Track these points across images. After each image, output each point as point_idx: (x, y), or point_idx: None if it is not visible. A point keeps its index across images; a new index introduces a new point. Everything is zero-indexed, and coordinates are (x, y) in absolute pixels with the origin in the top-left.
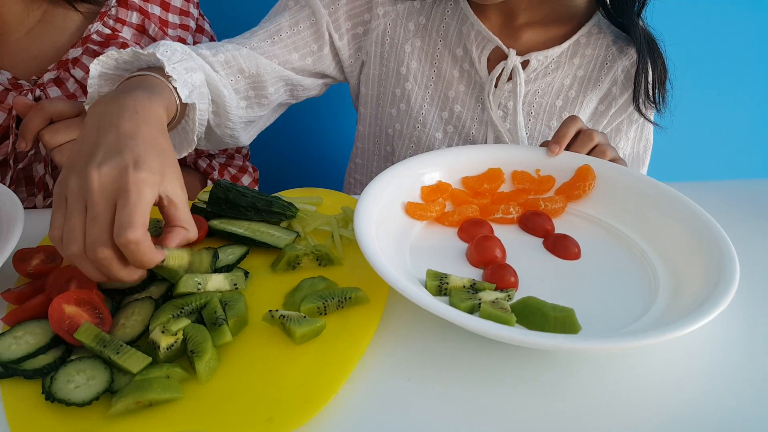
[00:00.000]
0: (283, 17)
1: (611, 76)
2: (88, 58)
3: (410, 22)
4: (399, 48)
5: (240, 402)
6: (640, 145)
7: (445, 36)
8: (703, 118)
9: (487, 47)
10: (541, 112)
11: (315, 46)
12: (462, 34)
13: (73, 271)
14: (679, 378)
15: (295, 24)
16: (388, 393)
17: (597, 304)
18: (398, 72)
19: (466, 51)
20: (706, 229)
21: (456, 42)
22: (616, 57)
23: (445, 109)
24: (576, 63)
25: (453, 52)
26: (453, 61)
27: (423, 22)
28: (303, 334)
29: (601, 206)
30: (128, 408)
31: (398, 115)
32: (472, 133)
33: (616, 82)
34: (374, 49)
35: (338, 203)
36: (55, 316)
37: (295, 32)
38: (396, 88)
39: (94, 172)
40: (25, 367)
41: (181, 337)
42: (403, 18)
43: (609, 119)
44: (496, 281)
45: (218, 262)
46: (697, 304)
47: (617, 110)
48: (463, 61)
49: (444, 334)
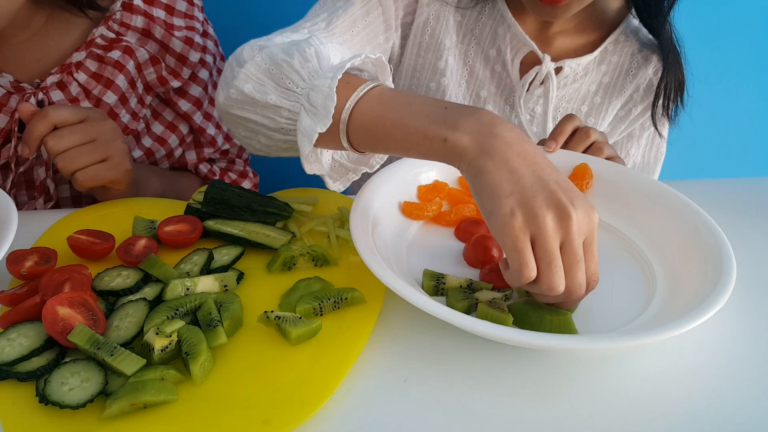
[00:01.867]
0: (355, 6)
1: (635, 83)
2: (92, 62)
3: (451, 16)
4: (439, 41)
5: (235, 404)
6: (650, 154)
7: (479, 36)
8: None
9: (521, 51)
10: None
11: (382, 37)
12: (497, 35)
13: (66, 273)
14: (676, 377)
15: (367, 14)
16: (385, 394)
17: (594, 303)
18: (435, 66)
19: (499, 52)
20: (704, 228)
21: (490, 42)
22: (641, 65)
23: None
24: (603, 70)
25: (486, 53)
26: (485, 61)
27: (459, 18)
28: (299, 335)
29: (598, 205)
30: (122, 410)
31: None
32: None
33: (638, 89)
34: (414, 38)
35: (334, 203)
36: (49, 318)
37: (367, 23)
38: (431, 81)
39: (573, 215)
40: (18, 370)
41: (175, 338)
42: (446, 11)
43: (627, 125)
44: (492, 281)
45: (213, 262)
46: (694, 304)
47: (635, 117)
48: (495, 63)
49: (441, 334)
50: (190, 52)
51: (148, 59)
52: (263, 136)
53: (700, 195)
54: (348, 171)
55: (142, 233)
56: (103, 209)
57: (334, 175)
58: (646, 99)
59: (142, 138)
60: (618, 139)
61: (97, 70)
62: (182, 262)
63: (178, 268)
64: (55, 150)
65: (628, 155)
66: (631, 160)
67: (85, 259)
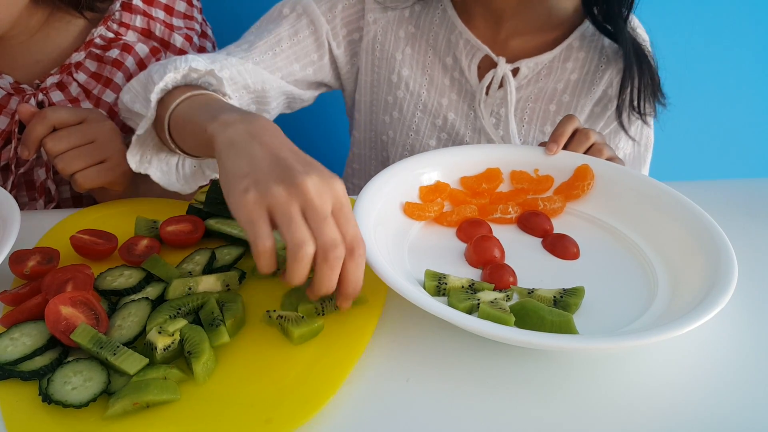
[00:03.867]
0: (282, 27)
1: (606, 78)
2: (91, 62)
3: (400, 30)
4: (390, 56)
5: (238, 403)
6: (640, 145)
7: (434, 45)
8: (701, 118)
9: (477, 56)
10: (535, 118)
11: (315, 55)
12: (451, 42)
13: (69, 273)
14: (677, 378)
15: (295, 34)
16: (387, 394)
17: (596, 304)
18: (389, 80)
19: (455, 60)
20: (705, 229)
21: (445, 51)
22: (611, 59)
23: (438, 117)
24: (569, 67)
25: (443, 61)
26: (443, 69)
27: (412, 30)
28: (301, 335)
29: (600, 206)
30: (125, 409)
31: (391, 122)
32: (466, 140)
33: (612, 84)
34: (366, 55)
35: None
36: (51, 317)
37: (295, 42)
38: (388, 95)
39: (307, 179)
40: (21, 369)
41: (178, 338)
42: (393, 25)
43: (606, 121)
44: (494, 281)
45: (215, 262)
46: (695, 304)
47: (614, 113)
48: (453, 70)
49: (443, 334)
50: (189, 49)
51: (149, 52)
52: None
53: (702, 196)
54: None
55: (144, 233)
56: (105, 209)
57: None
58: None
59: None
60: (605, 134)
61: (97, 69)
62: (184, 261)
63: (180, 267)
64: (54, 151)
65: (617, 148)
66: (621, 152)
67: (87, 258)
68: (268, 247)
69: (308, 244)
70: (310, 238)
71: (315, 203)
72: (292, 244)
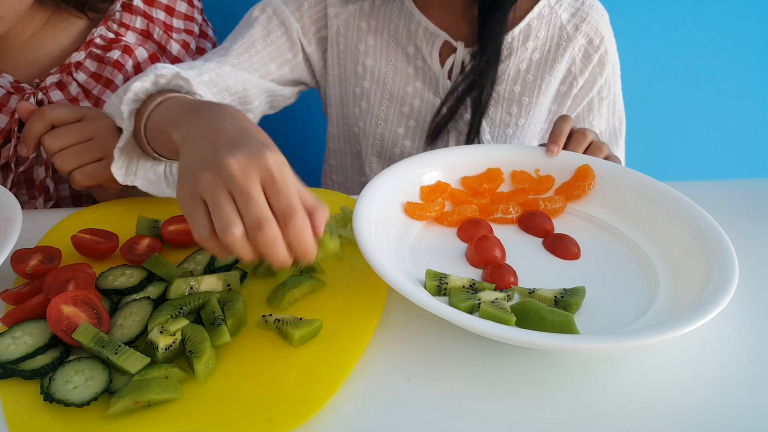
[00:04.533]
0: (254, 29)
1: (568, 55)
2: (91, 62)
3: (362, 22)
4: (353, 47)
5: (239, 402)
6: (614, 119)
7: (395, 35)
8: (702, 118)
9: (437, 42)
10: (500, 100)
11: (289, 54)
12: (410, 32)
13: (71, 272)
14: (678, 377)
15: (267, 35)
16: (388, 393)
17: (596, 304)
18: (355, 71)
19: (417, 48)
20: (706, 229)
21: (406, 40)
22: (571, 36)
23: (405, 104)
24: (530, 47)
25: (405, 50)
26: (406, 59)
27: (374, 23)
28: (301, 336)
29: (600, 206)
30: (127, 408)
31: (360, 113)
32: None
33: (575, 61)
34: (331, 49)
35: (337, 203)
36: (53, 316)
37: (268, 43)
38: (356, 87)
39: (230, 159)
40: (23, 368)
41: (179, 337)
42: (355, 18)
43: (573, 99)
44: (495, 281)
45: (216, 262)
46: (696, 304)
47: (581, 90)
48: (416, 59)
49: (443, 334)
50: (185, 56)
51: (147, 58)
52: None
53: (702, 196)
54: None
55: (146, 233)
56: (106, 209)
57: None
58: (586, 69)
59: None
60: (578, 113)
61: (97, 69)
62: (186, 261)
63: (181, 267)
64: (52, 149)
65: (592, 126)
66: (597, 130)
67: (88, 258)
68: (204, 235)
69: (233, 227)
70: (234, 220)
71: (238, 182)
72: (219, 230)
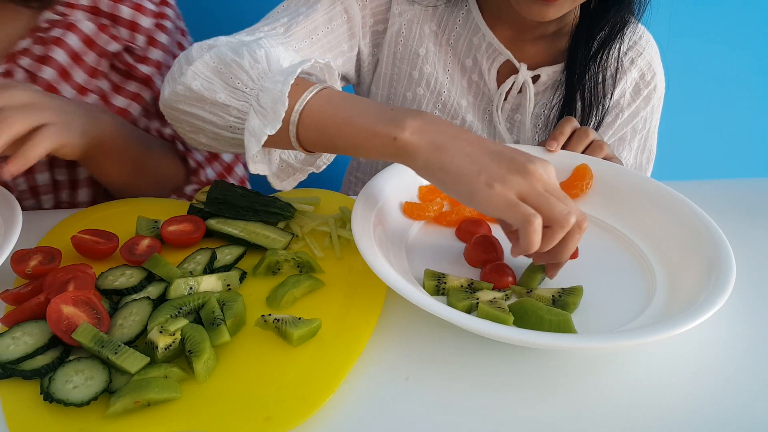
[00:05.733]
0: (317, 12)
1: (619, 88)
2: (37, 46)
3: (425, 25)
4: (413, 51)
5: (238, 401)
6: (643, 156)
7: (455, 45)
8: (701, 117)
9: (498, 60)
10: (549, 125)
11: (346, 45)
12: (473, 44)
13: (71, 272)
14: (675, 377)
15: (329, 21)
16: (387, 392)
17: (594, 303)
18: (410, 75)
19: (475, 62)
20: (703, 228)
21: (466, 52)
22: (627, 69)
23: (457, 117)
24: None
25: (462, 62)
26: (462, 71)
27: (434, 28)
28: (300, 336)
29: (598, 205)
30: (126, 408)
31: None
32: None
33: (624, 94)
34: (388, 48)
35: (336, 203)
36: (53, 316)
37: (329, 30)
38: (407, 91)
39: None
40: (23, 368)
41: (179, 337)
42: (419, 20)
43: (615, 130)
44: (493, 281)
45: (216, 262)
46: (693, 303)
47: (623, 122)
48: (473, 72)
49: (442, 333)
50: (140, 18)
51: (97, 29)
52: (210, 132)
53: (700, 195)
54: (296, 171)
55: (146, 233)
56: (106, 209)
57: (281, 175)
58: (634, 102)
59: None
60: (610, 143)
61: (41, 52)
62: (185, 261)
63: (181, 267)
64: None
65: (621, 158)
66: (624, 162)
67: (89, 258)
68: (541, 220)
69: (573, 215)
70: (565, 208)
71: (551, 185)
72: (562, 215)
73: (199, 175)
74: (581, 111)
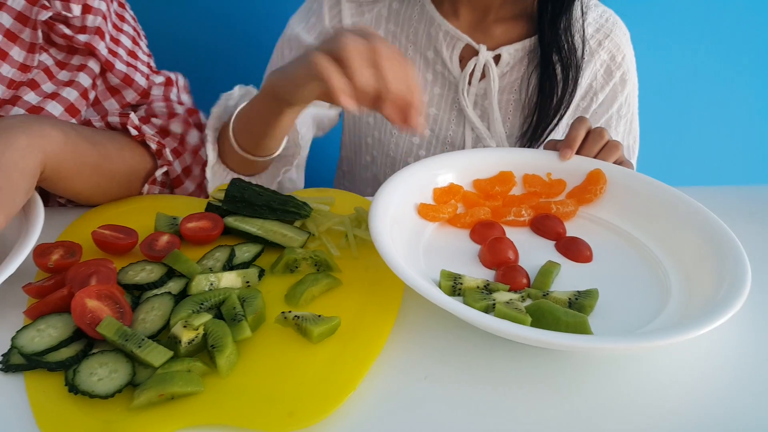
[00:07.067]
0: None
1: (590, 70)
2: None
3: (379, 29)
4: None
5: (260, 396)
6: (629, 138)
7: (414, 40)
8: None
9: (458, 46)
10: (519, 110)
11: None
12: (431, 36)
13: (92, 267)
14: (690, 381)
15: (291, 56)
16: (405, 390)
17: (609, 306)
18: None
19: (437, 53)
20: (718, 235)
21: (426, 44)
22: (594, 51)
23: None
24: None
25: (424, 56)
26: (425, 64)
27: (392, 28)
28: (320, 333)
29: (612, 210)
30: (151, 400)
31: (375, 123)
32: (450, 135)
33: (596, 77)
34: None
35: (350, 203)
36: (78, 310)
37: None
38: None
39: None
40: (48, 360)
41: (202, 332)
42: (374, 25)
43: (592, 115)
44: (508, 282)
45: (234, 259)
46: (709, 307)
47: (600, 106)
48: (435, 63)
49: (459, 333)
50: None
51: (27, 3)
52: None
53: (714, 201)
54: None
55: (165, 229)
56: (125, 205)
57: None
58: (608, 85)
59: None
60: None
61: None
62: (205, 258)
63: (200, 263)
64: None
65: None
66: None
67: (109, 253)
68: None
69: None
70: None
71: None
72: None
73: (165, 156)
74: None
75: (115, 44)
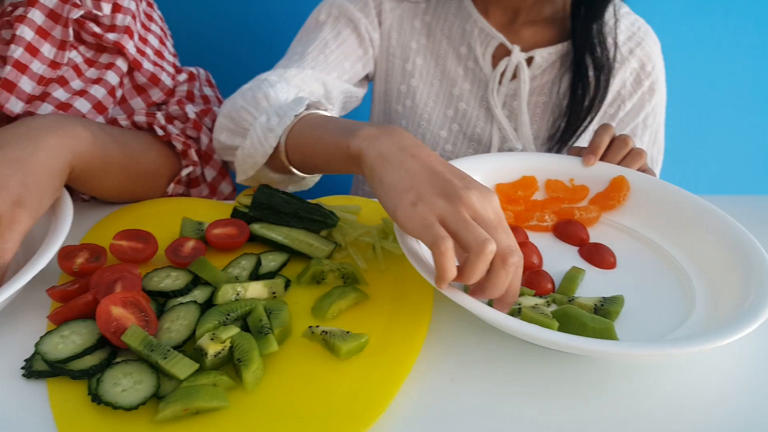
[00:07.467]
0: (324, 32)
1: (619, 77)
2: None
3: (416, 20)
4: (405, 45)
5: (288, 414)
6: (654, 149)
7: (449, 34)
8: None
9: (491, 44)
10: (548, 112)
11: (360, 50)
12: (465, 31)
13: (117, 272)
14: (713, 390)
15: (338, 35)
16: (436, 403)
17: (634, 313)
18: (404, 68)
19: (470, 49)
20: (743, 244)
21: (460, 40)
22: (625, 58)
23: (450, 107)
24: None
25: (457, 51)
26: (457, 59)
27: (428, 20)
28: (348, 351)
29: (635, 217)
30: (175, 414)
31: (404, 111)
32: (477, 132)
33: (625, 84)
34: (382, 44)
35: (377, 213)
36: (102, 317)
37: (340, 42)
38: (401, 84)
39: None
40: (71, 368)
41: (228, 344)
42: (409, 15)
43: (618, 122)
44: (533, 287)
45: (260, 268)
46: (736, 316)
47: (627, 114)
48: (468, 59)
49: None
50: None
51: (58, 2)
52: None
53: (738, 210)
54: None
55: (191, 235)
56: (148, 207)
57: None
58: (636, 93)
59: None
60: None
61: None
62: (230, 265)
63: (226, 271)
64: None
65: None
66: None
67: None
68: (450, 244)
69: (492, 243)
70: (489, 238)
71: (482, 215)
72: (477, 242)
73: (190, 156)
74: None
75: (143, 43)
